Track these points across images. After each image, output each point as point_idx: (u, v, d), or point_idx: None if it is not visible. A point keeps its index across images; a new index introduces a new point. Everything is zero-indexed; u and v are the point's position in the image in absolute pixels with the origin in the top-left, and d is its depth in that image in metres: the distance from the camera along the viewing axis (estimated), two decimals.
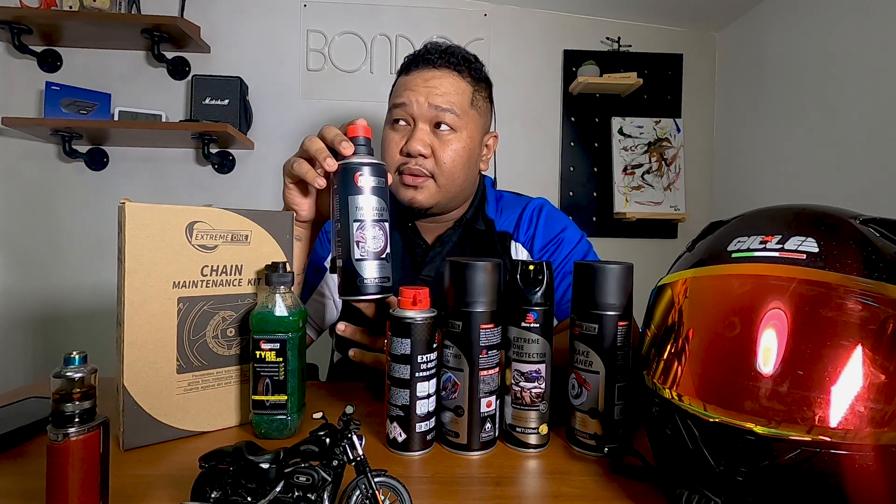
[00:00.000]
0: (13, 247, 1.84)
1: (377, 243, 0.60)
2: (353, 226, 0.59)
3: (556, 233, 0.92)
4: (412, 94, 0.83)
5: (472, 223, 0.92)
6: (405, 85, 0.86)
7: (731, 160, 1.98)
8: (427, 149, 0.82)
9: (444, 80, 0.84)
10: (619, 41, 1.98)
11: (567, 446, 0.57)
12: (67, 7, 1.67)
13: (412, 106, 0.83)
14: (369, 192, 0.60)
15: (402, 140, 0.84)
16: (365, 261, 0.59)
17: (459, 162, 0.85)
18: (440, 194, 0.85)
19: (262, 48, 1.90)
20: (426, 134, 0.83)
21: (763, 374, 0.36)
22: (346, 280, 0.60)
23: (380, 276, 0.60)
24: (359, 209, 0.59)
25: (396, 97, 0.86)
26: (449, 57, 0.86)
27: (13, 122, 1.62)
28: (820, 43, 1.55)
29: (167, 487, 0.46)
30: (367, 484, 0.39)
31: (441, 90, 0.83)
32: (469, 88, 0.86)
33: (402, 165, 0.83)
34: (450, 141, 0.84)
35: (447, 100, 0.83)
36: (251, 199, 1.89)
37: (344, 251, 0.60)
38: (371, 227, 0.60)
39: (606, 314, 0.53)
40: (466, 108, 0.85)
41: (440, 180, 0.84)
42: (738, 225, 0.46)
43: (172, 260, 0.55)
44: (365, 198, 0.60)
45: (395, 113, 0.85)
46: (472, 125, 0.86)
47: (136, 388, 0.53)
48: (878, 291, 0.35)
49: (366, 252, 0.59)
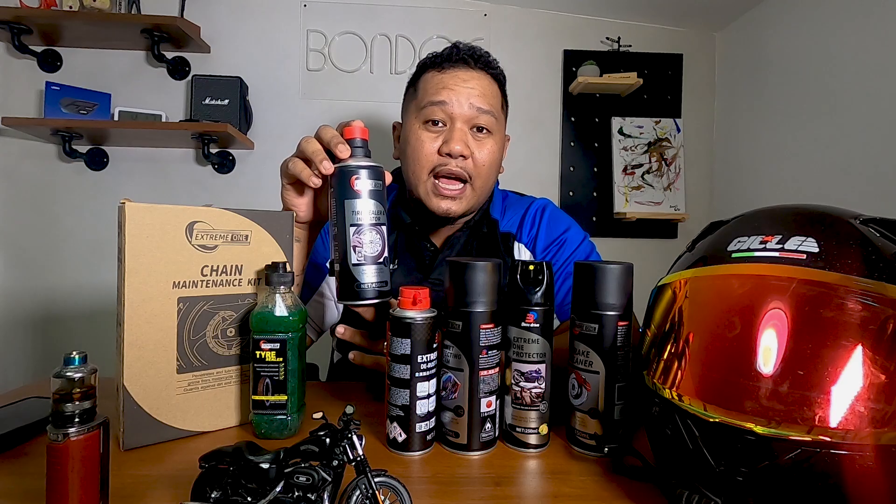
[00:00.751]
0: (13, 247, 1.84)
1: (374, 248, 0.59)
2: (349, 230, 0.58)
3: (558, 233, 0.92)
4: (452, 94, 0.81)
5: (479, 227, 0.91)
6: (441, 83, 0.82)
7: (731, 160, 1.98)
8: (467, 149, 0.81)
9: (482, 82, 0.83)
10: (619, 41, 1.98)
11: (567, 446, 0.57)
12: (67, 7, 1.67)
13: (452, 105, 0.81)
14: (366, 195, 0.59)
15: (437, 140, 0.82)
16: (362, 266, 0.59)
17: (494, 165, 0.85)
18: (474, 199, 0.85)
19: (262, 48, 1.90)
20: (465, 134, 0.82)
21: (763, 374, 0.36)
22: (344, 284, 0.59)
23: (377, 280, 0.59)
24: (355, 213, 0.58)
25: (433, 94, 0.82)
26: (482, 58, 0.85)
27: (13, 122, 1.62)
28: (820, 43, 1.55)
29: (167, 487, 0.46)
30: (367, 484, 0.39)
31: (479, 91, 0.82)
32: (499, 93, 0.87)
33: (439, 167, 0.81)
34: (485, 143, 0.83)
35: (488, 102, 0.83)
36: (251, 199, 1.89)
37: (341, 255, 0.59)
38: (368, 232, 0.59)
39: (606, 314, 0.53)
40: (500, 110, 0.86)
41: (476, 183, 0.83)
42: (738, 225, 0.46)
43: (172, 260, 0.55)
44: (362, 202, 0.59)
45: (431, 111, 0.82)
46: (500, 129, 0.87)
47: (136, 388, 0.53)
48: (878, 291, 0.35)
49: (363, 257, 0.59)
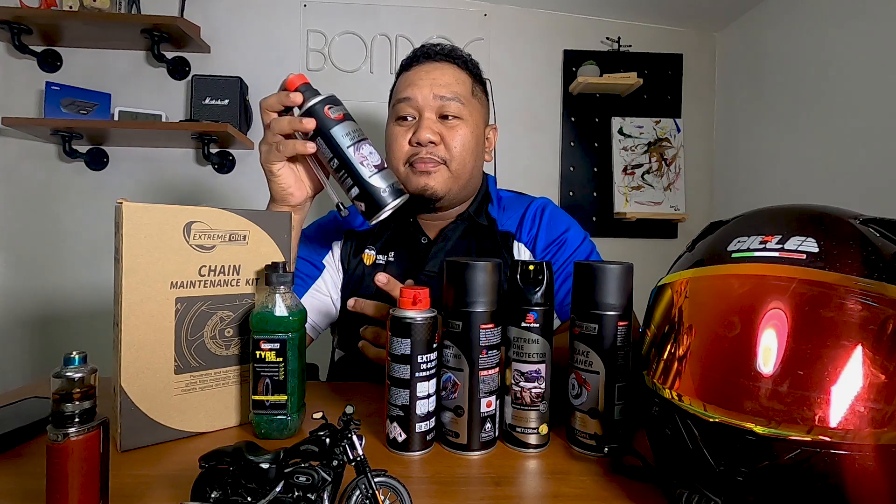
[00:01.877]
0: (13, 247, 1.84)
1: (374, 157, 0.64)
2: (349, 151, 0.63)
3: (559, 233, 0.92)
4: (416, 88, 0.84)
5: (476, 218, 0.92)
6: (407, 80, 0.87)
7: (731, 160, 1.98)
8: (436, 136, 0.83)
9: (446, 72, 0.86)
10: (619, 41, 1.98)
11: (567, 446, 0.57)
12: (67, 7, 1.67)
13: (417, 99, 0.84)
14: (342, 119, 0.64)
15: (408, 133, 0.85)
16: (376, 174, 0.63)
17: (469, 147, 0.86)
18: (452, 180, 0.86)
19: (262, 48, 1.90)
20: (433, 123, 0.84)
21: (763, 374, 0.36)
22: (368, 201, 0.63)
23: (391, 181, 0.64)
24: (346, 135, 0.63)
25: (399, 93, 0.87)
26: (447, 51, 0.89)
27: (13, 122, 1.62)
28: (820, 43, 1.55)
29: (167, 487, 0.46)
30: (367, 484, 0.39)
31: (444, 80, 0.85)
32: (469, 79, 0.89)
33: (412, 157, 0.84)
34: (457, 129, 0.85)
35: (451, 90, 0.85)
36: (251, 199, 1.89)
37: (354, 178, 0.63)
38: (365, 145, 0.64)
39: (606, 314, 0.53)
40: (469, 97, 0.88)
41: (452, 166, 0.85)
42: (738, 225, 0.46)
43: (170, 260, 0.55)
44: (344, 124, 0.64)
45: (399, 108, 0.86)
46: (475, 114, 0.89)
47: (133, 389, 0.53)
48: (878, 291, 0.35)
49: (372, 167, 0.63)
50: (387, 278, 0.69)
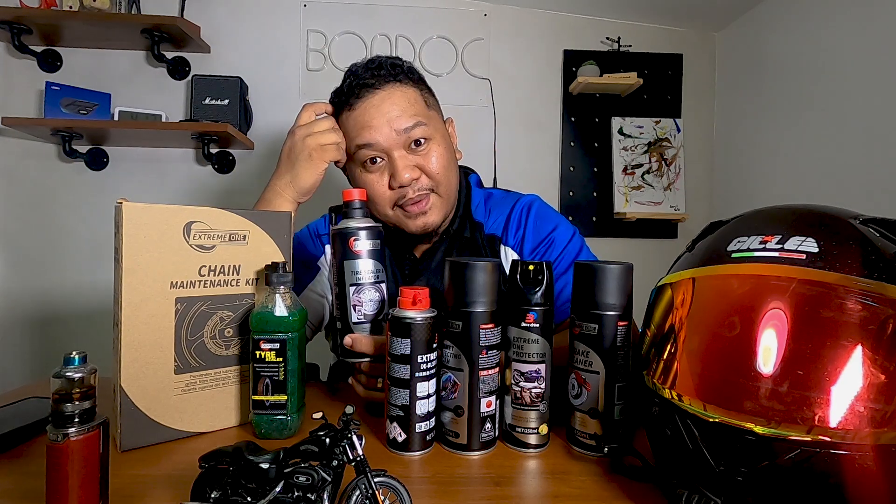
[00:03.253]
0: (13, 247, 1.84)
1: (373, 306, 0.63)
2: (349, 290, 0.62)
3: (546, 233, 0.89)
4: (373, 131, 0.78)
5: (461, 232, 0.89)
6: (358, 122, 0.79)
7: (731, 160, 1.98)
8: (415, 171, 0.80)
9: (394, 97, 0.79)
10: (619, 41, 1.98)
11: (567, 446, 0.57)
12: (67, 7, 1.67)
13: (380, 142, 0.78)
14: (365, 255, 0.62)
15: (384, 176, 0.80)
16: (362, 324, 0.62)
17: (448, 165, 0.83)
18: (445, 203, 0.84)
19: (262, 48, 1.90)
20: (406, 159, 0.79)
21: (763, 374, 0.36)
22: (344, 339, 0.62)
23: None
24: (355, 274, 0.62)
25: (356, 138, 0.79)
26: (381, 71, 0.81)
27: (13, 122, 1.62)
28: (820, 43, 1.55)
29: (167, 487, 0.46)
30: (367, 484, 0.39)
31: (398, 109, 0.78)
32: (417, 93, 0.82)
33: (399, 200, 0.80)
34: (430, 152, 0.81)
35: (408, 115, 0.79)
36: (251, 200, 1.86)
37: (342, 314, 0.63)
38: (368, 290, 0.62)
39: (606, 314, 0.53)
40: (426, 111, 0.82)
41: (440, 190, 0.82)
42: (738, 225, 0.46)
43: (170, 260, 0.55)
44: (361, 262, 0.62)
45: (363, 154, 0.80)
46: (438, 125, 0.84)
47: (133, 389, 0.53)
48: (878, 291, 0.35)
49: (363, 315, 0.62)
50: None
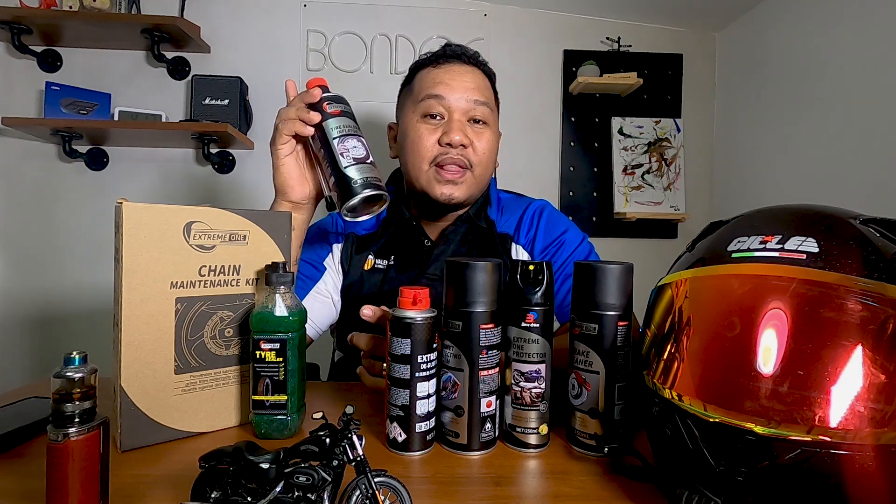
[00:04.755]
0: (13, 247, 1.84)
1: (358, 151, 0.67)
2: (334, 143, 0.67)
3: (557, 235, 0.92)
4: (448, 88, 0.84)
5: (476, 220, 0.92)
6: (437, 77, 0.86)
7: (731, 160, 1.98)
8: (467, 139, 0.84)
9: (476, 76, 0.88)
10: (619, 41, 1.98)
11: (567, 446, 0.57)
12: (67, 7, 1.67)
13: (449, 99, 0.84)
14: (338, 115, 0.68)
15: (436, 132, 0.84)
16: (351, 166, 0.66)
17: (492, 154, 0.88)
18: (475, 187, 0.87)
19: (262, 48, 1.90)
20: (464, 125, 0.85)
21: (763, 374, 0.36)
22: (342, 190, 0.66)
23: (368, 175, 0.66)
24: (336, 128, 0.67)
25: (430, 88, 0.85)
26: (475, 56, 0.90)
27: (13, 122, 1.62)
28: (820, 43, 1.55)
29: (167, 487, 0.46)
30: (367, 484, 0.39)
31: (474, 84, 0.86)
32: (491, 88, 0.91)
33: (440, 156, 0.84)
34: (483, 133, 0.86)
35: (482, 94, 0.86)
36: (251, 199, 1.89)
37: (332, 166, 0.67)
38: (350, 139, 0.67)
39: (606, 314, 0.53)
40: (493, 104, 0.89)
41: (476, 171, 0.86)
42: (738, 225, 0.46)
43: (170, 260, 0.55)
44: (337, 119, 0.68)
45: (428, 105, 0.85)
46: (495, 122, 0.91)
47: (133, 389, 0.53)
48: (878, 291, 0.35)
49: (351, 159, 0.66)
50: (371, 311, 0.62)
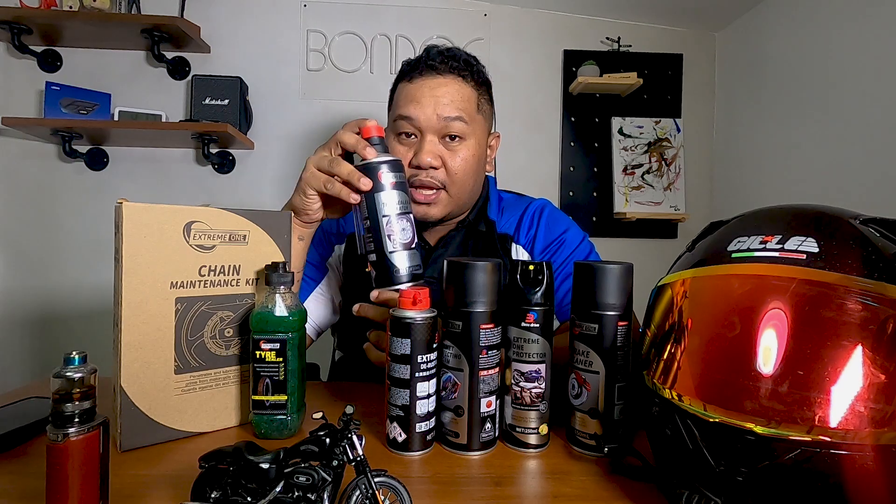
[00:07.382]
0: (13, 247, 1.84)
1: (406, 235, 0.65)
2: (382, 221, 0.64)
3: (557, 234, 0.92)
4: (418, 107, 0.81)
5: (475, 225, 0.91)
6: (409, 95, 0.83)
7: (731, 160, 1.98)
8: (437, 160, 0.81)
9: (451, 88, 0.82)
10: (619, 41, 1.97)
11: (567, 446, 0.57)
12: (67, 7, 1.67)
13: (419, 119, 0.81)
14: (391, 187, 0.64)
15: (409, 152, 0.82)
16: (397, 252, 0.64)
17: (469, 170, 0.84)
18: (452, 204, 0.85)
19: (262, 48, 1.90)
20: (435, 145, 0.82)
21: (763, 374, 0.36)
22: (381, 272, 0.64)
23: (412, 264, 0.65)
24: (385, 205, 0.64)
25: (401, 108, 0.83)
26: (451, 62, 0.84)
27: (13, 122, 1.62)
28: (819, 43, 1.55)
29: (167, 487, 0.46)
30: (367, 484, 0.39)
31: (448, 99, 0.81)
32: (474, 94, 0.86)
33: (412, 178, 0.82)
34: (459, 150, 0.83)
35: (456, 108, 0.82)
36: (251, 199, 1.89)
37: (377, 245, 0.64)
38: (398, 220, 0.64)
39: (606, 314, 0.53)
40: (473, 114, 0.85)
41: (451, 190, 0.83)
42: (738, 225, 0.46)
43: (170, 260, 0.55)
44: (388, 193, 0.64)
45: (400, 125, 0.83)
46: (478, 130, 0.86)
47: (133, 389, 0.53)
48: (878, 291, 0.35)
49: (396, 244, 0.64)
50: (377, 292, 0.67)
